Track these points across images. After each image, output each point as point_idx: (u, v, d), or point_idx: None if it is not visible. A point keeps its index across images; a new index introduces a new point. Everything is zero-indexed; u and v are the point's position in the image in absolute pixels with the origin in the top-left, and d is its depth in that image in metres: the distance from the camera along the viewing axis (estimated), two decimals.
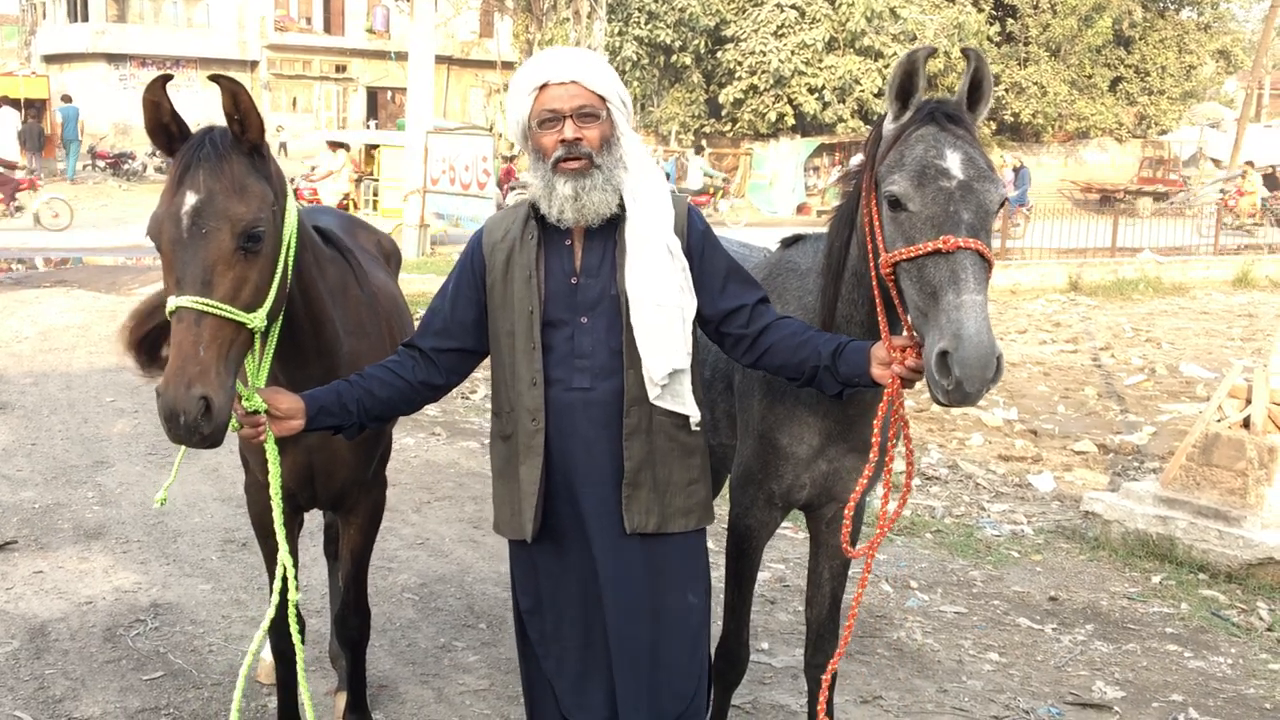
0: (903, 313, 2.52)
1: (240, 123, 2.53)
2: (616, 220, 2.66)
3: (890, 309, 2.57)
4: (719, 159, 31.49)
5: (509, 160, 23.45)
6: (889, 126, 2.57)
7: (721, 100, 32.77)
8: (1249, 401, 5.72)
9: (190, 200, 2.44)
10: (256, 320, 2.49)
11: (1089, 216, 22.31)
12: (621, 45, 31.61)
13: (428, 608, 4.95)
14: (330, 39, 42.56)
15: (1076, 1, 32.95)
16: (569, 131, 2.59)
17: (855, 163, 3.01)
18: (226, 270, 2.43)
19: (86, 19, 39.25)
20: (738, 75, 32.04)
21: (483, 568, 5.43)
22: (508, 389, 2.74)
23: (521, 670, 2.96)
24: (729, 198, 28.61)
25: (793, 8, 31.07)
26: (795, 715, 4.07)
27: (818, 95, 31.28)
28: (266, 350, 2.67)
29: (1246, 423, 5.70)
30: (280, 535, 2.73)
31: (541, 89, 2.61)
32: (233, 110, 2.51)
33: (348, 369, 2.93)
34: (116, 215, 20.00)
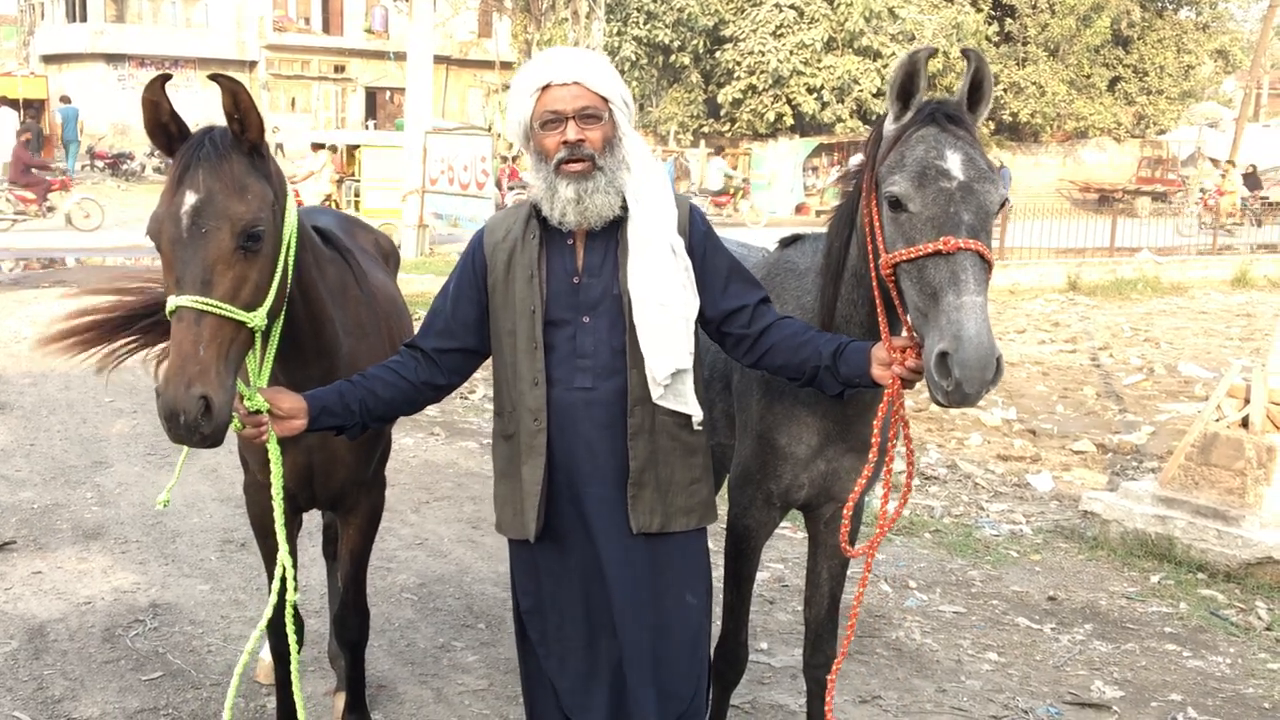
0: (902, 313, 2.53)
1: (240, 122, 2.53)
2: (619, 220, 2.66)
3: (890, 309, 2.58)
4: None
5: (508, 160, 23.44)
6: (889, 127, 2.57)
7: (720, 100, 32.80)
8: (1247, 401, 5.72)
9: (190, 200, 2.44)
10: (256, 319, 2.49)
11: (1087, 216, 22.33)
12: (620, 45, 31.64)
13: (426, 608, 4.95)
14: (329, 39, 42.52)
15: (1075, 1, 32.96)
16: (571, 133, 2.58)
17: (854, 163, 3.01)
18: (226, 269, 2.43)
19: (85, 19, 39.23)
20: (736, 75, 32.07)
21: (482, 568, 5.43)
22: (509, 389, 2.74)
23: (521, 670, 2.96)
24: (749, 197, 28.56)
25: (791, 8, 31.10)
26: (794, 715, 4.07)
27: (816, 95, 31.32)
28: (268, 350, 2.68)
29: (1245, 422, 5.70)
30: (281, 535, 2.74)
31: (544, 90, 2.61)
32: (233, 109, 2.51)
33: (347, 369, 2.93)
34: (116, 217, 19.94)
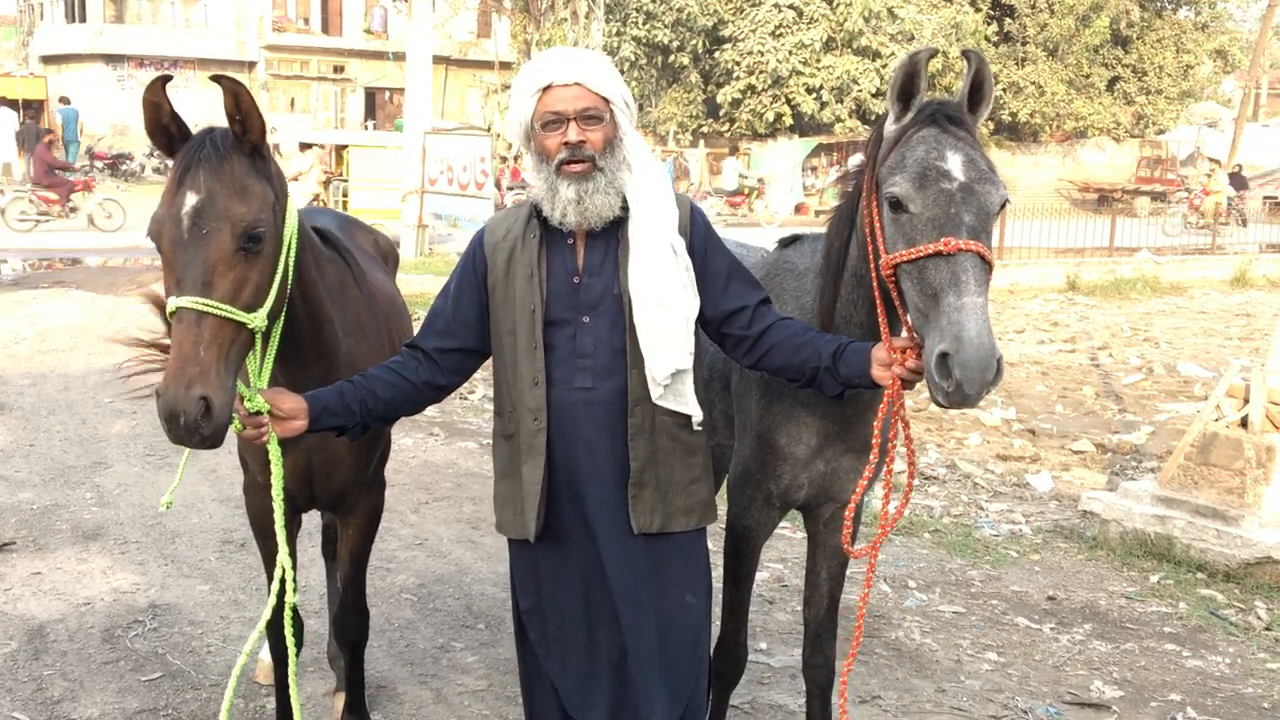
0: (903, 314, 2.53)
1: (241, 123, 2.52)
2: (619, 220, 2.66)
3: (890, 310, 2.58)
4: (716, 159, 31.47)
5: (507, 161, 23.42)
6: (890, 128, 2.57)
7: (719, 100, 32.80)
8: (1247, 401, 5.72)
9: (191, 201, 2.44)
10: (257, 320, 2.48)
11: (1087, 216, 22.33)
12: (619, 45, 31.65)
13: (426, 608, 4.95)
14: (328, 39, 42.49)
15: (1074, 1, 32.97)
16: (572, 134, 2.59)
17: (853, 163, 3.01)
18: (227, 270, 2.43)
19: (84, 20, 39.19)
20: (735, 75, 32.07)
21: (481, 568, 5.43)
22: (510, 388, 2.74)
23: (520, 670, 2.96)
24: (764, 197, 28.51)
25: (790, 8, 31.11)
26: (793, 715, 4.07)
27: (815, 95, 31.32)
28: (268, 351, 2.68)
29: (1244, 422, 5.70)
30: (280, 536, 2.73)
31: (545, 91, 2.61)
32: (234, 110, 2.51)
33: (347, 369, 2.93)
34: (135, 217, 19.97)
